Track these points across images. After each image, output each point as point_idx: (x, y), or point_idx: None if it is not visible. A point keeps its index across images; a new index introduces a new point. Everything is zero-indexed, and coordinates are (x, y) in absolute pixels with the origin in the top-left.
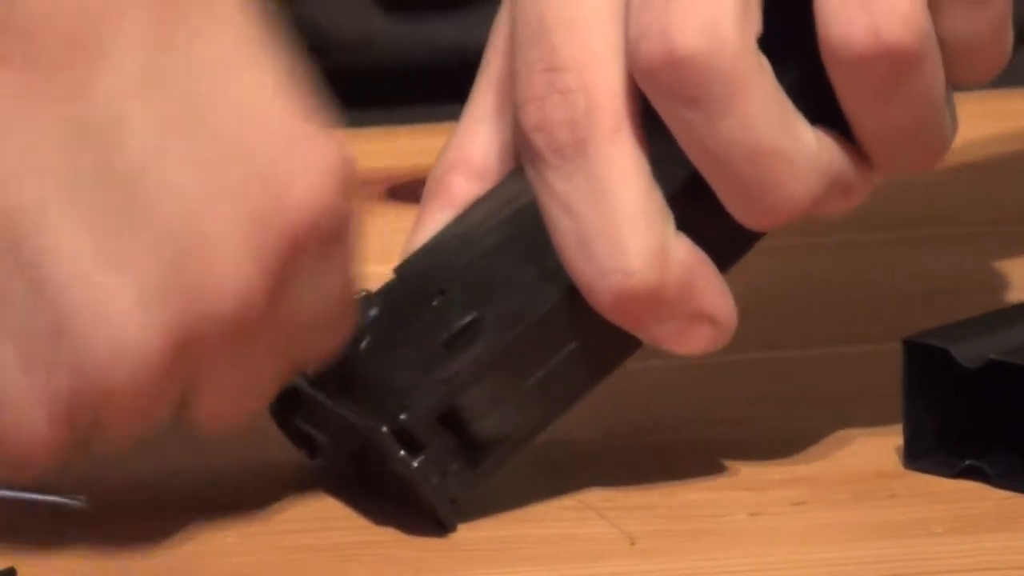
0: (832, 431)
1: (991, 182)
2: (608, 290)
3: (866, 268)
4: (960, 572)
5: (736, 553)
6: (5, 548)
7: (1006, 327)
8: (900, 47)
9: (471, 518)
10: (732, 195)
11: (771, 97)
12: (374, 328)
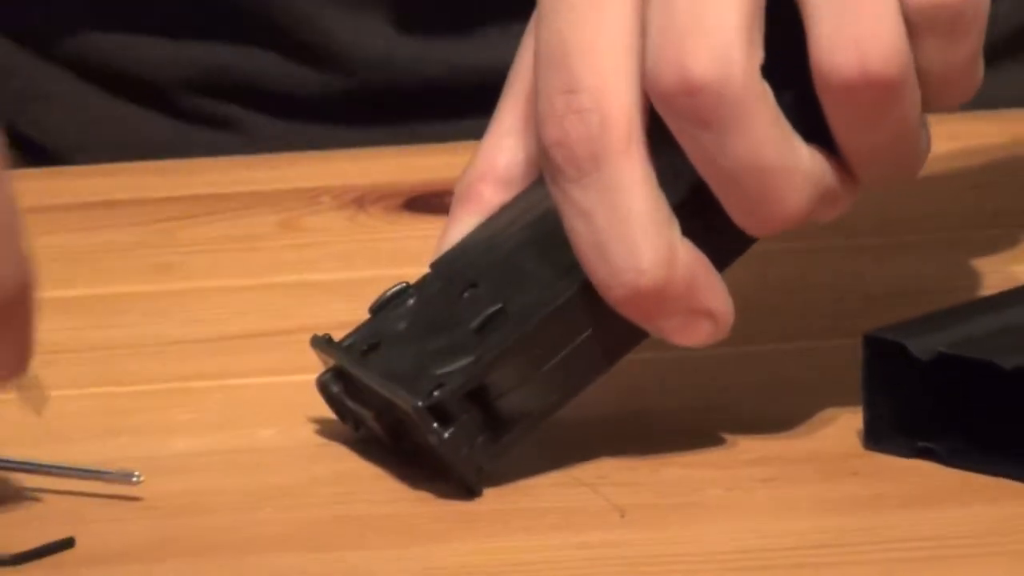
0: (800, 416)
1: (942, 195)
2: (622, 287)
3: (831, 271)
4: (914, 541)
5: (713, 524)
6: (64, 520)
7: (956, 323)
8: (883, 79)
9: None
10: (737, 206)
11: (773, 119)
12: (412, 315)
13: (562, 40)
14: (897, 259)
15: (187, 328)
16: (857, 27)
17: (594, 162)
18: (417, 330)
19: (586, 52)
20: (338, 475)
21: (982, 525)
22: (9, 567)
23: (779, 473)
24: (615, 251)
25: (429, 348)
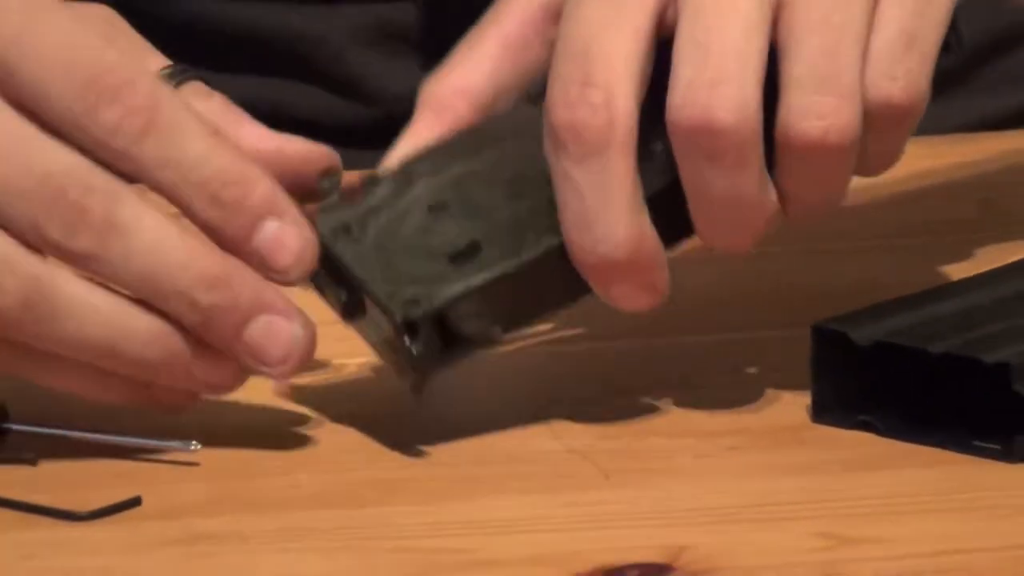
0: (757, 394)
1: (881, 208)
2: (596, 255)
3: (783, 273)
4: (854, 499)
5: (685, 485)
6: (132, 482)
7: (891, 315)
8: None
9: (481, 461)
10: (710, 227)
11: (762, 160)
12: (383, 209)
13: (587, 39)
14: (839, 262)
15: None
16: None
17: (596, 150)
18: (390, 229)
19: (606, 56)
20: (362, 445)
21: (914, 486)
22: (86, 521)
23: (740, 443)
24: (598, 225)
25: (403, 255)
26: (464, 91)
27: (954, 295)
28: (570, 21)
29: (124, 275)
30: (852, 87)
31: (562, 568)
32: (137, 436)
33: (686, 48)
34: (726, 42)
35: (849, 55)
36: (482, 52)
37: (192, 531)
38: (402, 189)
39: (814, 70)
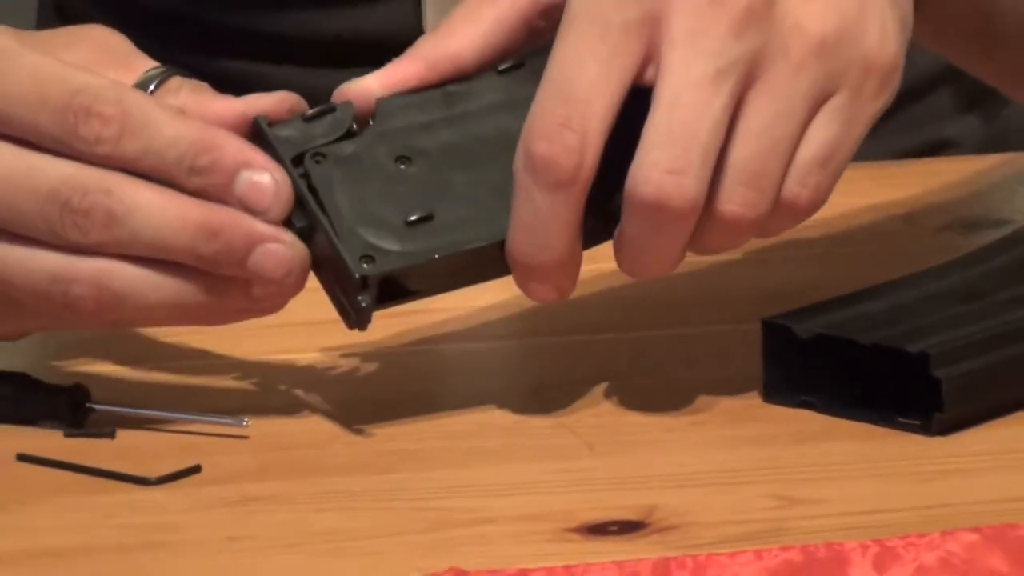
0: (716, 378)
1: (825, 221)
2: (532, 260)
3: (740, 276)
4: (799, 466)
5: (656, 455)
6: (192, 453)
7: (829, 311)
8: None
9: (485, 435)
10: (632, 266)
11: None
12: (361, 145)
13: (572, 79)
14: (785, 268)
15: (278, 314)
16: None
17: (560, 185)
18: (361, 167)
19: (585, 102)
20: (385, 422)
21: (848, 456)
22: (155, 486)
23: (702, 419)
24: (542, 238)
25: (369, 196)
26: (454, 58)
27: (882, 295)
28: (565, 52)
29: (136, 249)
30: (773, 187)
31: (553, 524)
32: (197, 414)
33: (659, 132)
34: (695, 139)
35: (778, 163)
36: (477, 28)
37: (243, 494)
38: (376, 129)
39: (749, 167)
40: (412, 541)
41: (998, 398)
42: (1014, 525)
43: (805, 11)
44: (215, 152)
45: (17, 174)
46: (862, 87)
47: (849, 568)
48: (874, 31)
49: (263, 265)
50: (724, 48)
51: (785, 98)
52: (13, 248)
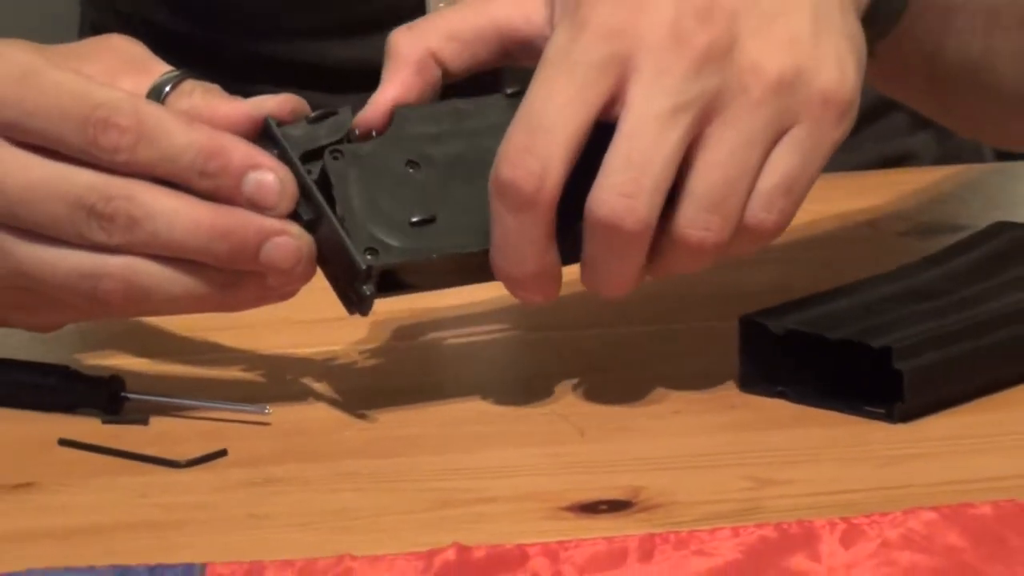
0: (697, 370)
1: (795, 227)
2: (509, 274)
3: (718, 277)
4: (773, 450)
5: (641, 440)
6: (219, 438)
7: (801, 309)
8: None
9: (484, 421)
10: (592, 282)
11: (645, 251)
12: (377, 147)
13: (541, 112)
14: (759, 270)
15: (295, 311)
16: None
17: (523, 208)
18: (376, 166)
19: (549, 131)
20: (393, 410)
21: (817, 441)
22: (185, 468)
23: (684, 408)
24: (515, 256)
25: (380, 194)
26: (447, 59)
27: (848, 294)
28: (538, 87)
29: (156, 249)
30: (735, 213)
31: (547, 503)
32: (223, 402)
33: (617, 159)
34: (649, 167)
35: (740, 191)
36: (476, 29)
37: (265, 475)
38: (392, 135)
39: (711, 194)
40: (417, 519)
41: (955, 388)
42: (970, 504)
43: (763, 51)
44: (223, 156)
45: (46, 183)
46: (821, 119)
47: (818, 544)
48: (831, 68)
49: (274, 257)
50: (683, 86)
51: (745, 131)
52: (46, 249)
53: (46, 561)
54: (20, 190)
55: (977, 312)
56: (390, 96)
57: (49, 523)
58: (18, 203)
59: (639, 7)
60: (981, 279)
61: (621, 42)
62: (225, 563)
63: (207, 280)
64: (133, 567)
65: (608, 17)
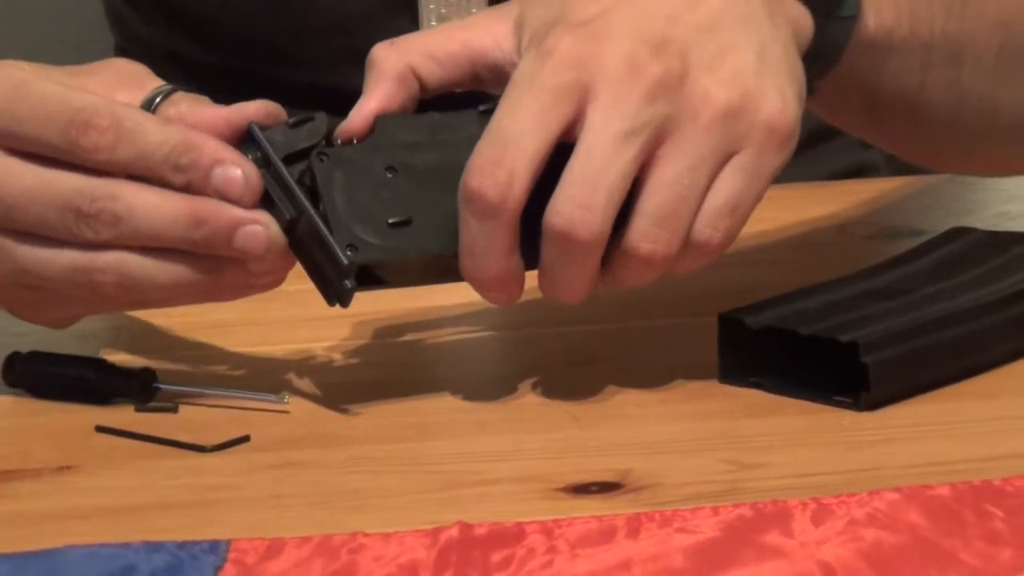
0: (680, 363)
1: (769, 232)
2: (474, 275)
3: (698, 277)
4: (750, 436)
5: (629, 427)
6: (240, 425)
7: (775, 307)
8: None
9: (486, 410)
10: (548, 289)
11: (599, 261)
12: (360, 153)
13: (508, 128)
14: (737, 271)
15: (311, 310)
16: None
17: (489, 215)
18: (349, 171)
19: (518, 146)
20: (402, 399)
21: (791, 428)
22: (211, 453)
23: (668, 397)
24: (481, 259)
25: (358, 208)
26: (424, 76)
27: (819, 293)
28: (506, 107)
29: (140, 241)
30: (683, 229)
31: (544, 484)
32: (246, 392)
33: (575, 174)
34: (602, 182)
35: (687, 209)
36: (449, 51)
37: (284, 459)
38: (373, 141)
39: (661, 210)
40: (425, 499)
41: (917, 379)
42: (929, 486)
43: (712, 83)
44: (194, 152)
45: (36, 188)
46: (764, 146)
47: (791, 522)
48: (774, 99)
49: (246, 244)
50: (638, 111)
51: (693, 154)
52: (43, 250)
53: (84, 538)
54: (15, 196)
55: (936, 309)
56: (373, 106)
57: (87, 503)
58: (14, 208)
59: (599, 40)
60: (939, 279)
61: (582, 70)
62: (248, 539)
63: (191, 267)
64: (164, 543)
65: (571, 47)
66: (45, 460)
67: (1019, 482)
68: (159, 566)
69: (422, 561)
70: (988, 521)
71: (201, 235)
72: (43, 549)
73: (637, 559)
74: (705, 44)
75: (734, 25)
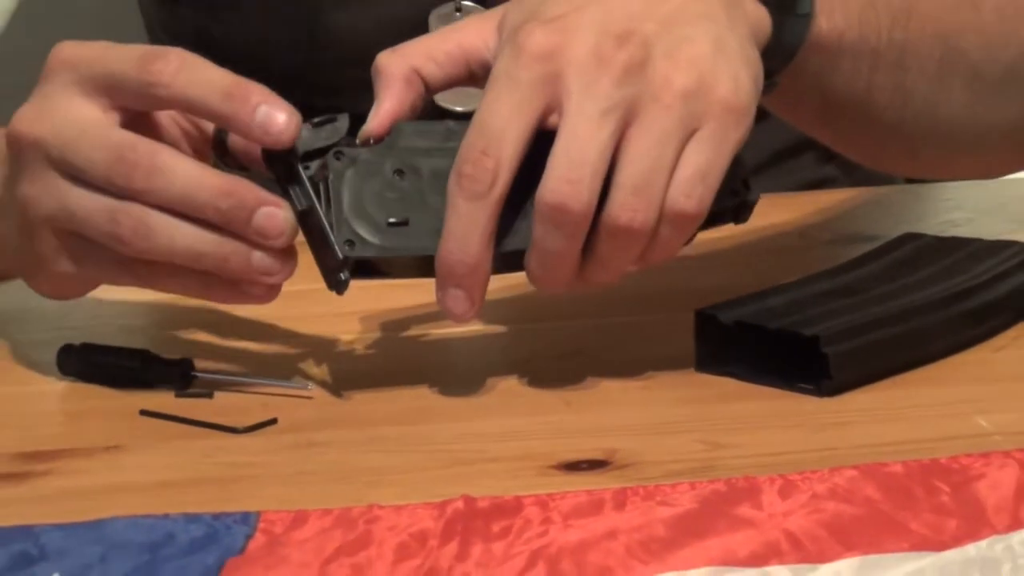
0: (660, 353)
1: (742, 234)
2: (450, 258)
3: (678, 277)
4: (722, 420)
5: (615, 410)
6: (268, 409)
7: (745, 304)
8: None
9: (486, 395)
10: (537, 268)
11: (585, 233)
12: (372, 154)
13: (491, 121)
14: (712, 271)
15: (332, 307)
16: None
17: (477, 197)
18: (366, 171)
19: (502, 135)
20: (413, 386)
21: (760, 412)
22: (242, 434)
23: (650, 384)
24: (462, 242)
25: (367, 196)
26: (427, 76)
27: (784, 292)
28: (485, 103)
29: (169, 199)
30: (657, 198)
31: (539, 462)
32: (274, 380)
33: (562, 155)
34: (586, 158)
35: (660, 179)
36: (446, 52)
37: (308, 440)
38: (388, 144)
39: (635, 181)
40: (433, 475)
41: (872, 368)
42: (884, 464)
43: (671, 68)
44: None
45: (92, 131)
46: (722, 121)
47: (760, 496)
48: (727, 82)
49: (263, 224)
50: (608, 94)
51: (659, 129)
52: (83, 191)
53: (129, 509)
54: (75, 136)
55: (889, 306)
56: (388, 107)
57: (132, 478)
58: (69, 146)
59: (567, 33)
60: (892, 280)
61: (553, 63)
62: (276, 511)
63: (202, 236)
64: (200, 515)
65: (542, 42)
66: (95, 440)
67: (964, 460)
68: (196, 535)
69: (431, 530)
70: (936, 495)
71: (226, 205)
72: (93, 519)
73: (623, 529)
74: (665, 36)
75: (692, 20)
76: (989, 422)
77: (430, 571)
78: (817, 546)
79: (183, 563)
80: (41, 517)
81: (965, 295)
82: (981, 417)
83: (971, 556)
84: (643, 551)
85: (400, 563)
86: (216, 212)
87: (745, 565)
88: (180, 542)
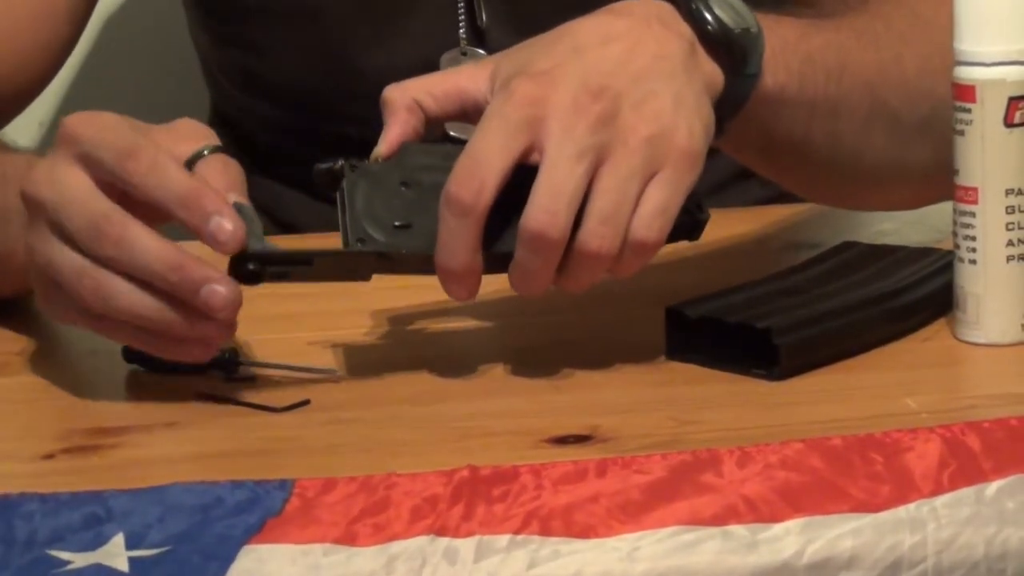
0: (636, 345)
1: (717, 240)
2: (446, 266)
3: (653, 280)
4: (689, 400)
5: (596, 393)
6: (302, 392)
7: (710, 301)
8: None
9: (486, 379)
10: (517, 281)
11: (559, 256)
12: (383, 169)
13: (481, 150)
14: (682, 273)
15: (359, 303)
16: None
17: (462, 215)
18: (378, 182)
19: (488, 164)
20: (424, 371)
21: (722, 393)
22: (280, 412)
23: (627, 369)
24: (452, 251)
25: (378, 202)
26: (425, 109)
27: (742, 291)
28: (479, 134)
29: (129, 267)
30: (622, 227)
31: (531, 436)
32: (307, 367)
33: (543, 188)
34: (563, 192)
35: (625, 211)
36: (444, 90)
37: (336, 417)
38: (396, 161)
39: (604, 212)
40: (443, 447)
41: (817, 357)
42: (827, 437)
43: (637, 119)
44: (200, 198)
45: (82, 198)
46: (678, 165)
47: (721, 465)
48: (684, 132)
49: (209, 298)
50: (584, 138)
51: (626, 168)
52: (65, 249)
53: (184, 477)
54: (69, 201)
55: (831, 304)
56: (396, 132)
57: (187, 450)
58: (63, 208)
59: (551, 85)
60: (833, 281)
61: (538, 108)
62: (309, 479)
63: (152, 304)
64: (244, 482)
65: (530, 90)
66: (155, 418)
67: (895, 435)
68: (241, 499)
69: (441, 495)
70: (871, 465)
71: (176, 279)
72: (153, 486)
73: (604, 493)
74: (633, 91)
75: (657, 78)
76: (916, 403)
77: (440, 529)
78: (770, 508)
79: (230, 523)
80: (109, 483)
81: (895, 294)
82: (910, 399)
83: (901, 517)
84: (621, 512)
85: (415, 522)
86: (167, 284)
87: (708, 524)
88: (227, 504)
